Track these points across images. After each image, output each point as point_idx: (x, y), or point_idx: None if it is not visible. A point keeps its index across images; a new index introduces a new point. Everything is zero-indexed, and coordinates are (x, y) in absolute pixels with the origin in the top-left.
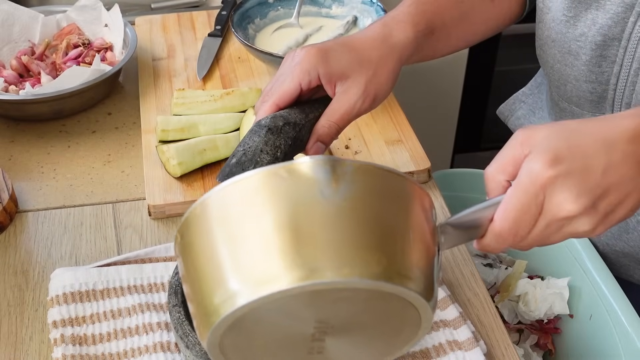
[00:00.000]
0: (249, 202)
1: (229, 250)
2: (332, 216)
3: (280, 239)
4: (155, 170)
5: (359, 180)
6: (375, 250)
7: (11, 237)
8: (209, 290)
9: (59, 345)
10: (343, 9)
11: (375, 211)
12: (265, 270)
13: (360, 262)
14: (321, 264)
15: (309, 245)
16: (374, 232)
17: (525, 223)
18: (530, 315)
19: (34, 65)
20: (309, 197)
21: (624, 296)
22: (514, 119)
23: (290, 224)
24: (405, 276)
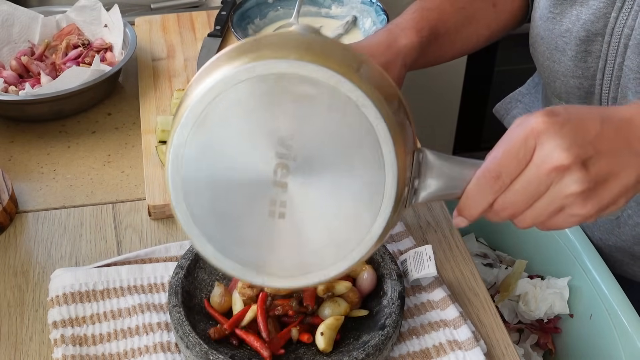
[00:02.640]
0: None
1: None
2: (305, 38)
3: (262, 40)
4: (155, 171)
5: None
6: (337, 63)
7: (11, 238)
8: (188, 93)
9: (59, 346)
10: (342, 9)
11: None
12: (241, 53)
13: (323, 60)
14: (285, 51)
15: (279, 43)
16: (338, 55)
17: (511, 166)
18: (530, 314)
19: (33, 66)
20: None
21: (624, 296)
22: (510, 118)
23: (268, 38)
24: (367, 87)
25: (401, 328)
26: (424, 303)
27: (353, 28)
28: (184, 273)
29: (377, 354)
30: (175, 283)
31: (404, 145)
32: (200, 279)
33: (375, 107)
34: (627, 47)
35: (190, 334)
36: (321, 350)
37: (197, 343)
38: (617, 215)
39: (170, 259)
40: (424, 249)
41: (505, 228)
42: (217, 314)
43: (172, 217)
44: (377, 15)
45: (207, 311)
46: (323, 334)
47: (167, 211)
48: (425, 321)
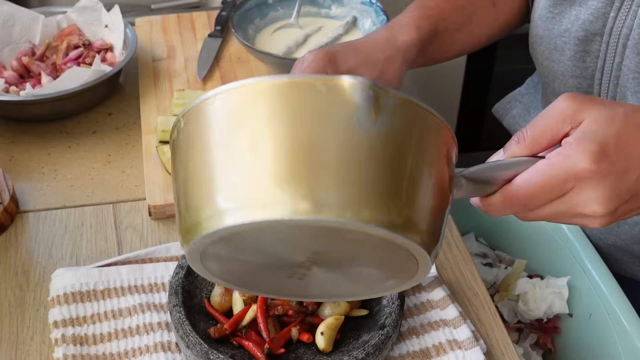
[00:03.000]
0: (273, 107)
1: (231, 158)
2: (363, 150)
3: (296, 160)
4: (156, 171)
5: (399, 116)
6: (400, 199)
7: (12, 238)
8: (197, 199)
9: (60, 345)
10: (342, 9)
11: (408, 154)
12: (268, 193)
13: (383, 209)
14: (338, 200)
15: (327, 175)
16: (402, 179)
17: (541, 199)
18: (529, 314)
19: (34, 66)
20: (343, 121)
21: (623, 295)
22: (509, 118)
23: (313, 146)
24: (422, 232)
25: (401, 328)
26: (424, 303)
27: (353, 28)
28: (185, 273)
29: (377, 353)
30: (175, 283)
31: (442, 236)
32: (201, 279)
33: (425, 252)
34: (626, 47)
35: (191, 333)
36: (321, 350)
37: (197, 342)
38: None
39: (171, 259)
40: None
41: (505, 228)
42: (217, 314)
43: (172, 217)
44: (377, 16)
45: (207, 311)
46: (323, 333)
47: (168, 211)
48: (425, 321)
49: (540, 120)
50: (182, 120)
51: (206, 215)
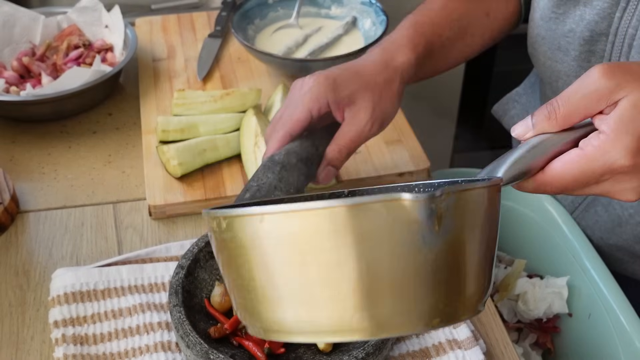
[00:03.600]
0: (332, 236)
1: (301, 284)
2: (430, 269)
3: (367, 287)
4: (156, 171)
5: (459, 215)
6: (465, 294)
7: (12, 238)
8: (264, 309)
9: (60, 345)
10: (342, 9)
11: (470, 248)
12: (342, 321)
13: (450, 311)
14: (409, 319)
15: (401, 300)
16: (467, 275)
17: (576, 187)
18: (529, 314)
19: (34, 66)
20: (409, 242)
21: (623, 295)
22: (508, 119)
23: (382, 271)
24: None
25: None
26: None
27: (353, 29)
28: (185, 273)
29: (377, 353)
30: (175, 283)
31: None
32: (201, 279)
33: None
34: (632, 47)
35: (191, 333)
36: (321, 349)
37: (197, 342)
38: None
39: (171, 259)
40: None
41: (505, 228)
42: (217, 314)
43: (172, 217)
44: (377, 16)
45: (207, 311)
46: None
47: (168, 211)
48: None
49: (574, 95)
50: (225, 222)
51: (273, 327)
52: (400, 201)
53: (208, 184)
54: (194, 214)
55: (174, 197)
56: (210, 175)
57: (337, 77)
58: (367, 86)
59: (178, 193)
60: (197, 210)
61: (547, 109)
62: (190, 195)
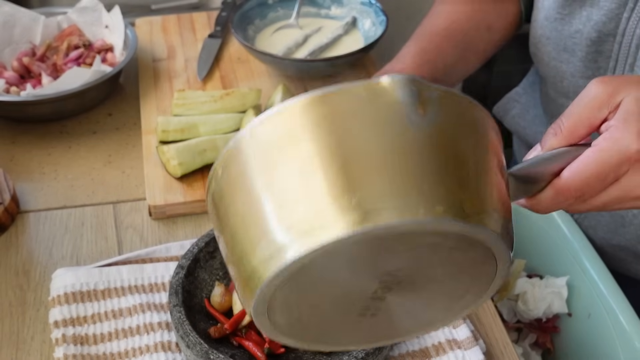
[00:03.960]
0: (313, 125)
1: (280, 187)
2: (422, 148)
3: (354, 170)
4: (156, 171)
5: (445, 108)
6: (468, 190)
7: (13, 238)
8: (250, 246)
9: (60, 345)
10: (342, 10)
11: (462, 144)
12: (330, 212)
13: (455, 201)
14: (409, 201)
15: (391, 179)
16: (464, 168)
17: (596, 187)
18: (529, 314)
19: (35, 67)
20: (394, 122)
21: (622, 295)
22: (509, 118)
23: (368, 152)
24: (498, 222)
25: None
26: None
27: (352, 29)
28: (185, 273)
29: (377, 353)
30: (175, 283)
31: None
32: (201, 279)
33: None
34: (639, 48)
35: (191, 333)
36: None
37: (197, 342)
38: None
39: (171, 259)
40: None
41: None
42: (217, 314)
43: (172, 217)
44: (377, 17)
45: (207, 311)
46: None
47: (168, 211)
48: None
49: (575, 109)
50: (220, 169)
51: (265, 257)
52: (381, 83)
53: None
54: (194, 214)
55: (174, 197)
56: None
57: None
58: None
59: (178, 193)
60: (197, 210)
61: (553, 127)
62: (190, 195)
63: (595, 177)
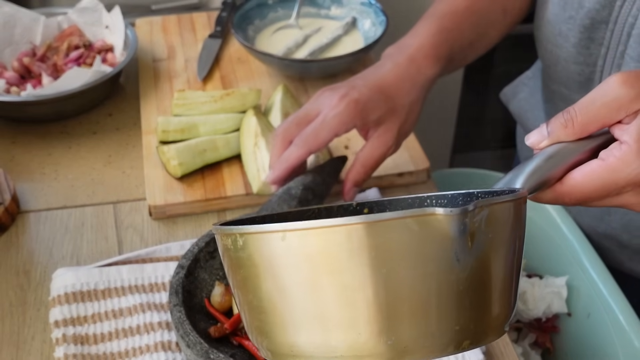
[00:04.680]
0: (359, 251)
1: (322, 305)
2: (463, 289)
3: (394, 309)
4: (156, 171)
5: (490, 229)
6: (492, 315)
7: (13, 238)
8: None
9: (60, 345)
10: (342, 10)
11: (498, 267)
12: (362, 347)
13: (477, 331)
14: (438, 341)
15: (428, 320)
16: (495, 294)
17: (597, 198)
18: (528, 313)
19: (35, 67)
20: (442, 260)
21: (622, 295)
22: (516, 102)
23: (413, 290)
24: (503, 328)
25: None
26: None
27: (352, 29)
28: (185, 272)
29: None
30: (176, 282)
31: None
32: (201, 279)
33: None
34: (630, 36)
35: (191, 333)
36: None
37: (197, 342)
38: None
39: (171, 259)
40: None
41: None
42: (217, 313)
43: (172, 217)
44: (377, 17)
45: (207, 310)
46: None
47: (168, 211)
48: None
49: (592, 104)
50: (241, 240)
51: (286, 351)
52: (433, 216)
53: (208, 184)
54: (194, 214)
55: (174, 197)
56: (210, 176)
57: (368, 102)
58: (394, 109)
59: (178, 193)
60: (197, 211)
61: (564, 117)
62: (190, 195)
63: (597, 191)
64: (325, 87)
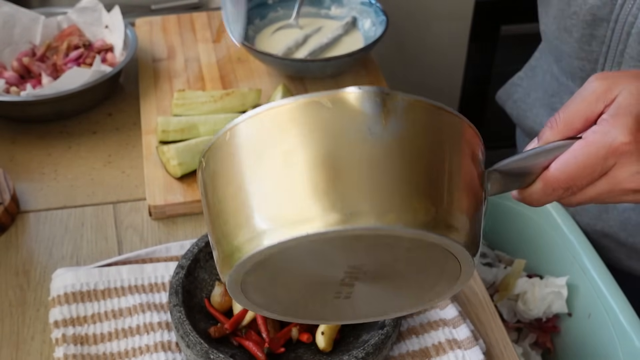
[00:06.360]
0: (284, 132)
1: (258, 183)
2: (379, 156)
3: (318, 176)
4: (156, 171)
5: (410, 118)
6: (424, 197)
7: (13, 238)
8: (232, 226)
9: (60, 345)
10: (342, 9)
11: (425, 153)
12: (298, 210)
13: (407, 208)
14: (362, 207)
15: (349, 185)
16: (422, 177)
17: (584, 180)
18: (529, 314)
19: (35, 67)
20: (354, 132)
21: (622, 295)
22: (511, 103)
23: (331, 161)
24: (453, 227)
25: (400, 327)
26: None
27: (352, 29)
28: (185, 273)
29: (377, 353)
30: (175, 282)
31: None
32: (201, 279)
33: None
34: (630, 35)
35: (191, 333)
36: (321, 349)
37: (197, 342)
38: None
39: (171, 259)
40: None
41: (505, 228)
42: (217, 313)
43: (172, 217)
44: (377, 16)
45: (207, 311)
46: (324, 333)
47: (168, 211)
48: (424, 320)
49: (572, 102)
50: (204, 160)
51: (244, 239)
52: (346, 94)
53: None
54: (194, 214)
55: (174, 197)
56: None
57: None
58: None
59: (178, 193)
60: (197, 211)
61: (550, 120)
62: (190, 195)
63: (582, 169)
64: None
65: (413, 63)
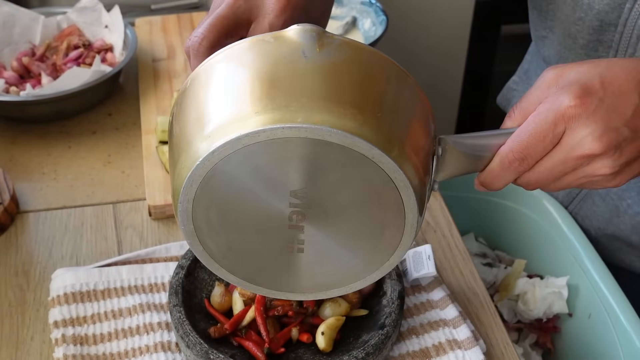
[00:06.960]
0: (234, 62)
1: (209, 103)
2: (311, 72)
3: (255, 87)
4: (156, 171)
5: (343, 51)
6: (352, 106)
7: (12, 238)
8: (187, 142)
9: (60, 345)
10: (342, 9)
11: (354, 75)
12: (234, 116)
13: (335, 113)
14: (292, 107)
15: (281, 92)
16: (351, 91)
17: (537, 150)
18: (529, 314)
19: (34, 67)
20: (290, 55)
21: (623, 295)
22: (510, 107)
23: (267, 76)
24: (382, 138)
25: (401, 327)
26: (424, 302)
27: (353, 29)
28: (185, 273)
29: (377, 353)
30: (175, 283)
31: (424, 175)
32: (201, 279)
33: (396, 165)
34: (639, 39)
35: (191, 333)
36: (321, 349)
37: (197, 342)
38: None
39: (171, 259)
40: (424, 248)
41: (505, 228)
42: (217, 314)
43: (172, 217)
44: (377, 16)
45: (207, 311)
46: (324, 333)
47: (168, 211)
48: (424, 321)
49: (528, 93)
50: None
51: (190, 154)
52: (286, 31)
53: None
54: None
55: None
56: None
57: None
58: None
59: None
60: None
61: (509, 111)
62: None
63: (534, 137)
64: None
65: (413, 63)
